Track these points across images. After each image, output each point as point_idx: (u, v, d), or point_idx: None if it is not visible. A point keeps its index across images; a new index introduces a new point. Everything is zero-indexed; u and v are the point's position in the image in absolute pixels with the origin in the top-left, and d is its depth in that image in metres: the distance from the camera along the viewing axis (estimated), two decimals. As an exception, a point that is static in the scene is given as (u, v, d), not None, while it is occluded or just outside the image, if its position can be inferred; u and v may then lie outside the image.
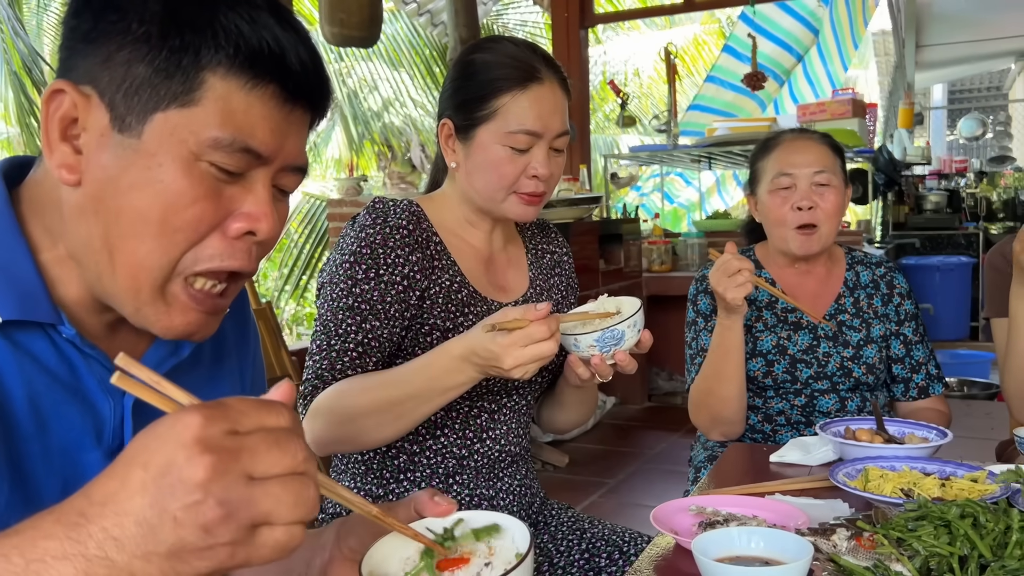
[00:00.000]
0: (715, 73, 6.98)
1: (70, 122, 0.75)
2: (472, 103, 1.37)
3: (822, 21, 6.89)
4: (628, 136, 9.80)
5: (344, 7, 3.09)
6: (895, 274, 1.90)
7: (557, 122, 1.38)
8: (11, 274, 0.76)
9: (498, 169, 1.37)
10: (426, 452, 1.41)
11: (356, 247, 1.36)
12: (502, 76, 1.36)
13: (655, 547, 1.15)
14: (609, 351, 1.26)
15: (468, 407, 1.42)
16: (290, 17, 0.79)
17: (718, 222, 5.66)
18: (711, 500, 1.22)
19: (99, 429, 0.81)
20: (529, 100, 1.35)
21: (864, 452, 1.38)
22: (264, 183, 0.78)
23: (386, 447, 1.41)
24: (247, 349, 1.02)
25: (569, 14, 5.58)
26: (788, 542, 0.99)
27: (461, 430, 1.42)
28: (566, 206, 4.36)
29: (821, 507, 1.22)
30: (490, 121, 1.36)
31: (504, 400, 1.45)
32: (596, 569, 1.43)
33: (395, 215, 1.38)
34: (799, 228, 1.79)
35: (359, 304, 1.34)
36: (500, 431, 1.45)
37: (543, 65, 1.38)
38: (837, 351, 1.81)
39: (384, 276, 1.35)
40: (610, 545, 1.44)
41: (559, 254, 1.62)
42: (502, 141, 1.36)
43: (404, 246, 1.36)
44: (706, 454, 1.92)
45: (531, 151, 1.37)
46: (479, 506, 1.44)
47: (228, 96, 0.74)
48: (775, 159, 1.83)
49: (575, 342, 1.26)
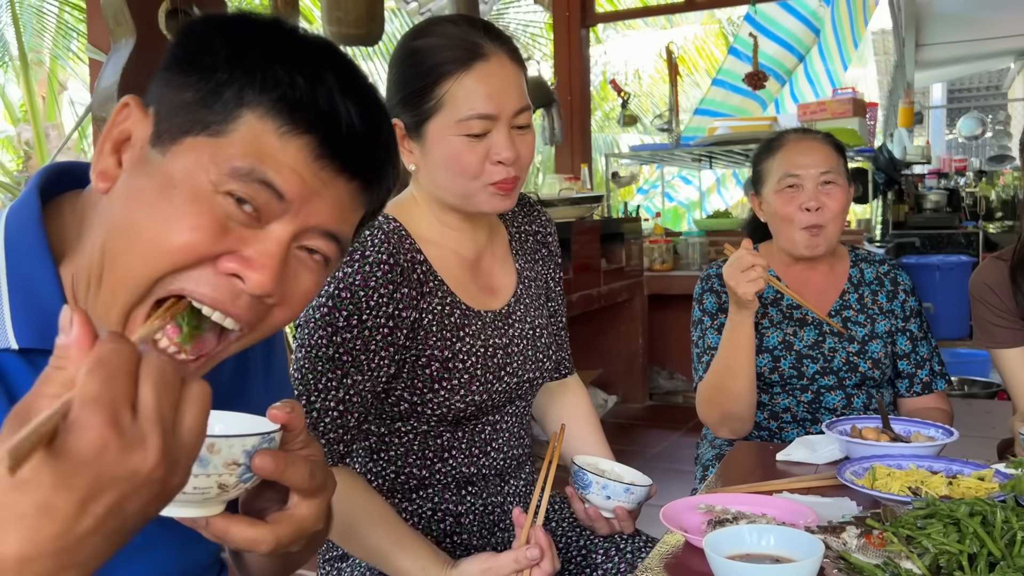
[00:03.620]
0: (722, 76, 6.98)
1: (126, 138, 0.76)
2: (416, 96, 1.25)
3: (823, 21, 6.90)
4: (628, 135, 9.81)
5: (340, 5, 3.08)
6: (899, 271, 1.92)
7: (513, 98, 1.25)
8: (33, 296, 0.76)
9: (458, 161, 1.25)
10: (435, 475, 1.39)
11: (333, 289, 1.24)
12: (442, 60, 1.23)
13: (665, 545, 1.16)
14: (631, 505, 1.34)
15: (473, 424, 1.39)
16: (359, 83, 0.77)
17: (719, 221, 5.67)
18: (720, 498, 1.23)
19: None
20: (475, 80, 1.23)
21: (871, 450, 1.39)
22: (279, 234, 0.74)
23: (395, 473, 1.38)
24: (272, 364, 1.00)
25: (570, 13, 5.58)
26: (799, 540, 0.99)
27: (468, 448, 1.40)
28: (567, 205, 4.36)
29: (829, 505, 1.22)
30: (439, 112, 1.24)
31: (507, 408, 1.44)
32: (593, 565, 1.42)
33: (373, 247, 1.27)
34: (806, 228, 1.80)
35: (340, 355, 1.24)
36: (503, 439, 1.45)
37: (486, 39, 1.25)
38: (843, 346, 1.83)
39: (368, 321, 1.24)
40: (607, 542, 1.44)
41: (543, 233, 1.55)
42: (455, 131, 1.24)
43: (388, 283, 1.26)
44: (713, 452, 1.93)
45: (489, 135, 1.24)
46: (489, 514, 1.44)
47: (260, 135, 0.73)
48: (781, 160, 1.84)
49: (606, 493, 1.32)
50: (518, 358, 1.41)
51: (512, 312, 1.43)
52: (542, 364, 1.46)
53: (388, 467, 1.38)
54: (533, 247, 1.53)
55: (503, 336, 1.39)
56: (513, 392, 1.41)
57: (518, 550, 1.13)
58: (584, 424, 1.60)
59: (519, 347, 1.42)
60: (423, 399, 1.31)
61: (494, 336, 1.38)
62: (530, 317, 1.46)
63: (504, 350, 1.39)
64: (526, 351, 1.43)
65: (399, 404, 1.33)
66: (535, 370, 1.45)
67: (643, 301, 5.07)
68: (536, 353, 1.45)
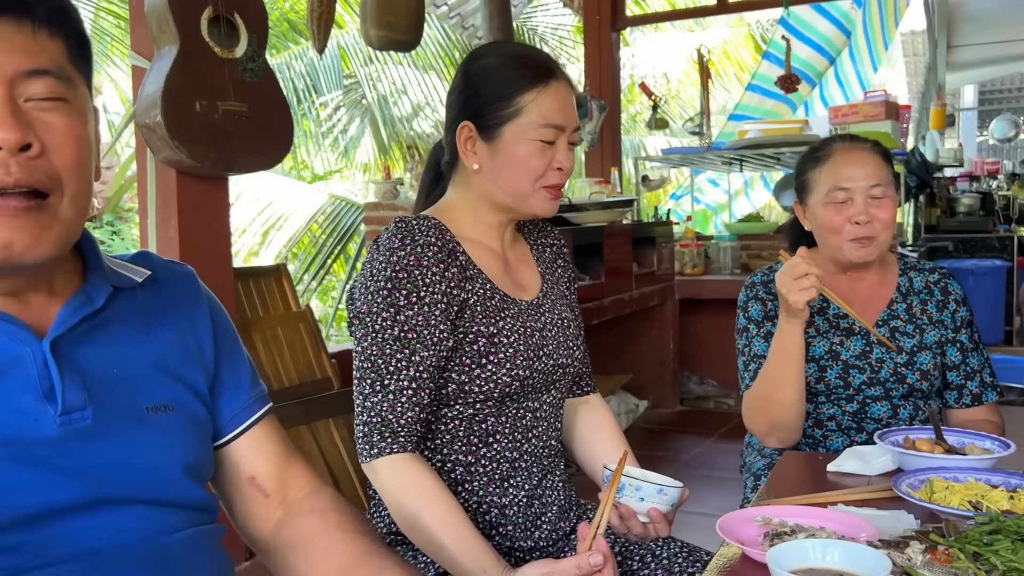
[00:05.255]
0: (756, 81, 6.95)
1: None
2: (497, 102, 1.41)
3: (855, 23, 6.85)
4: (655, 138, 9.78)
5: (392, 10, 3.10)
6: (950, 280, 1.87)
7: (574, 116, 1.45)
8: None
9: (527, 163, 1.41)
10: (481, 460, 1.43)
11: (391, 272, 1.35)
12: (522, 75, 1.41)
13: (721, 557, 1.15)
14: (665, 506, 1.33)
15: (515, 409, 1.44)
16: None
17: (751, 225, 5.63)
18: (776, 511, 1.22)
19: (22, 376, 0.86)
20: (551, 96, 1.41)
21: (926, 463, 1.38)
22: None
23: (441, 462, 1.43)
24: (198, 306, 1.08)
25: (601, 16, 5.57)
26: (864, 555, 0.98)
27: (511, 433, 1.44)
28: (599, 209, 4.34)
29: (887, 519, 1.21)
30: (517, 118, 1.40)
31: (544, 397, 1.48)
32: (630, 572, 1.45)
33: (422, 232, 1.39)
34: (855, 239, 1.77)
35: (406, 334, 1.34)
36: (542, 428, 1.49)
37: (554, 65, 1.46)
38: (890, 357, 1.80)
39: (426, 298, 1.35)
40: (643, 548, 1.47)
41: (557, 246, 1.65)
42: (531, 136, 1.40)
43: (438, 263, 1.37)
44: (764, 461, 1.91)
45: (554, 145, 1.42)
46: (531, 506, 1.46)
47: None
48: (828, 171, 1.80)
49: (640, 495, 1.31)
50: (552, 342, 1.49)
51: (542, 304, 1.52)
52: (573, 352, 1.54)
53: (434, 456, 1.42)
54: (551, 257, 1.63)
55: (537, 321, 1.48)
56: (550, 375, 1.47)
57: (580, 556, 1.14)
58: (611, 439, 1.63)
59: (552, 333, 1.50)
60: (471, 376, 1.38)
61: (530, 320, 1.47)
62: (557, 309, 1.54)
63: (540, 332, 1.47)
64: (558, 337, 1.51)
65: (447, 386, 1.39)
66: (568, 356, 1.52)
67: (674, 305, 5.05)
68: (568, 340, 1.53)
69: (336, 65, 8.32)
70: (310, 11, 3.25)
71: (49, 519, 0.84)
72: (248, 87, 2.52)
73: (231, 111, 2.46)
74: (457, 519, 1.30)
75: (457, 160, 1.46)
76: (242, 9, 2.53)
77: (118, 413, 0.92)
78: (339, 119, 8.80)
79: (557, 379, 1.50)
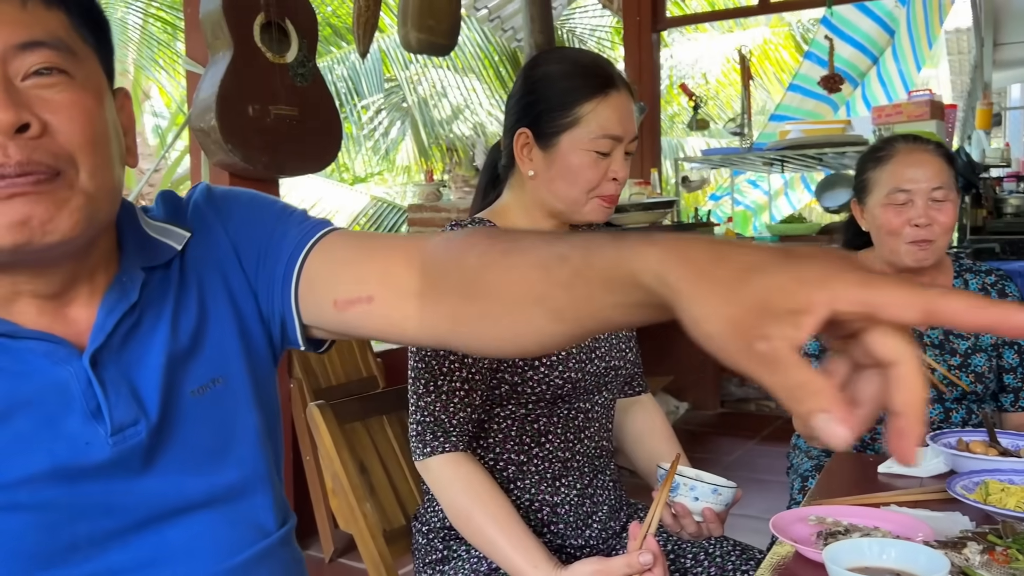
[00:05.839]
0: (797, 81, 6.90)
1: None
2: (554, 111, 1.40)
3: (898, 21, 6.76)
4: (694, 138, 9.74)
5: (434, 14, 3.14)
6: (1007, 282, 1.85)
7: (632, 127, 1.45)
8: None
9: (583, 173, 1.40)
10: (533, 460, 1.45)
11: None
12: (582, 84, 1.40)
13: (775, 556, 1.16)
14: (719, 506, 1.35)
15: (567, 410, 1.45)
16: None
17: (793, 226, 5.58)
18: (829, 510, 1.23)
19: (67, 398, 0.81)
20: (611, 106, 1.40)
21: (980, 465, 1.37)
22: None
23: (493, 460, 1.45)
24: (219, 243, 0.94)
25: (641, 18, 5.57)
26: (921, 554, 0.98)
27: (563, 433, 1.46)
28: (640, 211, 4.34)
29: (941, 519, 1.21)
30: (574, 128, 1.40)
31: (596, 398, 1.50)
32: (682, 571, 1.46)
33: None
34: (913, 242, 1.76)
35: None
36: (594, 428, 1.50)
37: (615, 73, 1.45)
38: (944, 359, 1.79)
39: None
40: (696, 547, 1.48)
41: None
42: (587, 146, 1.39)
43: None
44: (811, 463, 1.91)
45: (610, 155, 1.42)
46: (582, 504, 1.48)
47: None
48: (890, 172, 1.79)
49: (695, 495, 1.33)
50: (604, 344, 1.50)
51: None
52: (625, 354, 1.55)
53: (487, 455, 1.44)
54: None
55: None
56: (602, 377, 1.48)
57: (631, 554, 1.15)
58: (663, 439, 1.65)
59: (604, 335, 1.51)
60: (523, 378, 1.39)
61: None
62: None
63: None
64: (611, 339, 1.52)
65: (500, 386, 1.40)
66: (620, 358, 1.53)
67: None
68: (620, 343, 1.54)
69: (377, 68, 8.41)
70: (356, 15, 3.29)
71: (113, 540, 0.82)
72: (298, 91, 2.57)
73: (282, 115, 2.51)
74: (508, 517, 1.31)
75: (514, 164, 1.47)
76: (293, 15, 2.58)
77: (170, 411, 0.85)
78: (380, 122, 8.89)
79: (609, 381, 1.51)
